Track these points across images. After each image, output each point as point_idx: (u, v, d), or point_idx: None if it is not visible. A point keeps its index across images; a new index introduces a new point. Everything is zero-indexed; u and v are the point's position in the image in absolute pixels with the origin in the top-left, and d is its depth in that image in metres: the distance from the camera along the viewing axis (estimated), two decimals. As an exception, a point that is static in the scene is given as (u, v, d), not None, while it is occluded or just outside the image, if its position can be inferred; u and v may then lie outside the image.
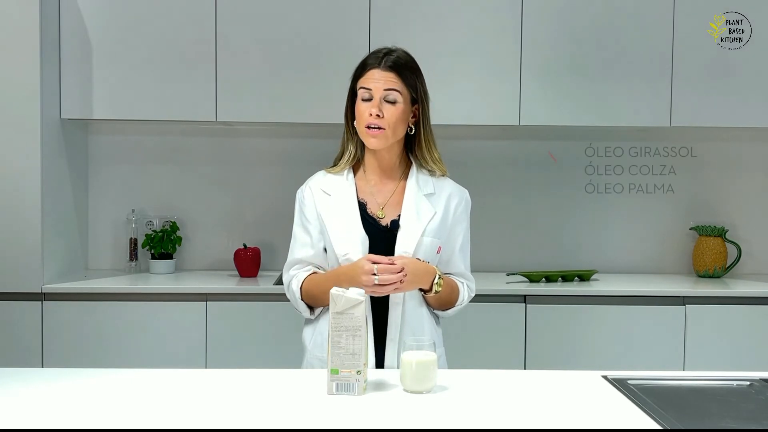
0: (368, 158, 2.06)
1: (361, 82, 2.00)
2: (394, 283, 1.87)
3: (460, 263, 2.08)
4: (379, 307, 1.98)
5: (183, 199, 3.58)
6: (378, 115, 1.95)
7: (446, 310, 2.07)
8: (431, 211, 2.02)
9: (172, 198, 3.58)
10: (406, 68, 2.01)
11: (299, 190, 2.10)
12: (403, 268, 1.88)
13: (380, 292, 1.89)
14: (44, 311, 3.06)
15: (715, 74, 3.27)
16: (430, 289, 1.96)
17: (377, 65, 1.99)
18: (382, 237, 1.99)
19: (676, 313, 3.13)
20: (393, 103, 1.97)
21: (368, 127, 1.96)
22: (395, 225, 2.00)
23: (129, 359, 3.02)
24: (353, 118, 2.04)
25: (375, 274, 1.86)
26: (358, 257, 1.94)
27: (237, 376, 1.78)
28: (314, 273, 2.03)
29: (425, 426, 1.46)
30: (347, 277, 1.90)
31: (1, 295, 3.04)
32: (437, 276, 1.96)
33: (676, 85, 3.27)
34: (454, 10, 3.25)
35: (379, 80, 1.97)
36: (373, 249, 1.96)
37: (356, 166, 2.08)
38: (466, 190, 2.12)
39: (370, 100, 1.98)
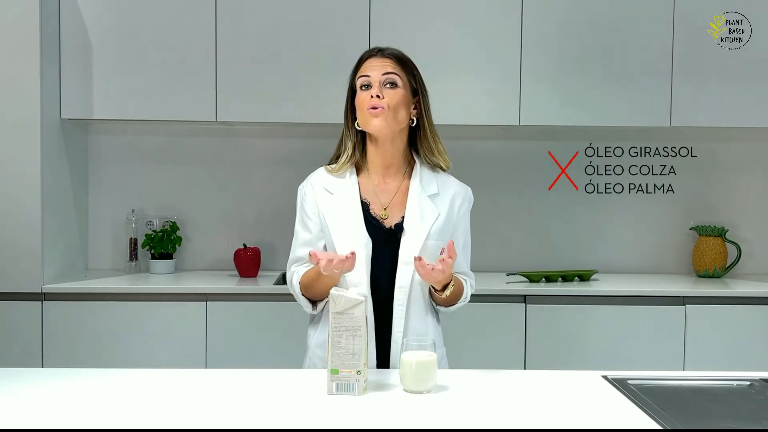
0: (371, 156, 2.04)
1: (360, 73, 2.00)
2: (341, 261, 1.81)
3: (462, 262, 2.07)
4: (384, 309, 1.97)
5: (183, 199, 3.58)
6: (378, 96, 1.94)
7: (449, 307, 2.06)
8: (435, 213, 2.00)
9: (172, 198, 3.58)
10: (403, 58, 2.03)
11: (300, 186, 2.08)
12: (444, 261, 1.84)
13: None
14: (44, 311, 3.06)
15: (715, 74, 3.27)
16: (442, 290, 1.95)
17: (375, 55, 2.01)
18: (385, 239, 1.97)
19: (676, 313, 3.13)
20: (393, 86, 1.97)
21: (369, 110, 1.94)
22: (399, 228, 1.99)
23: (129, 359, 3.02)
24: (354, 118, 2.03)
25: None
26: (361, 259, 1.92)
27: (237, 376, 1.78)
28: (313, 268, 2.02)
29: (425, 426, 1.46)
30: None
31: (1, 295, 3.04)
32: (451, 283, 1.95)
33: (676, 85, 3.27)
34: (454, 10, 3.25)
35: (377, 66, 1.98)
36: (377, 251, 1.95)
37: (358, 167, 2.07)
38: (469, 188, 2.11)
39: (369, 87, 1.97)
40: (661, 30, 3.26)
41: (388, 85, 1.97)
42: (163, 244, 3.41)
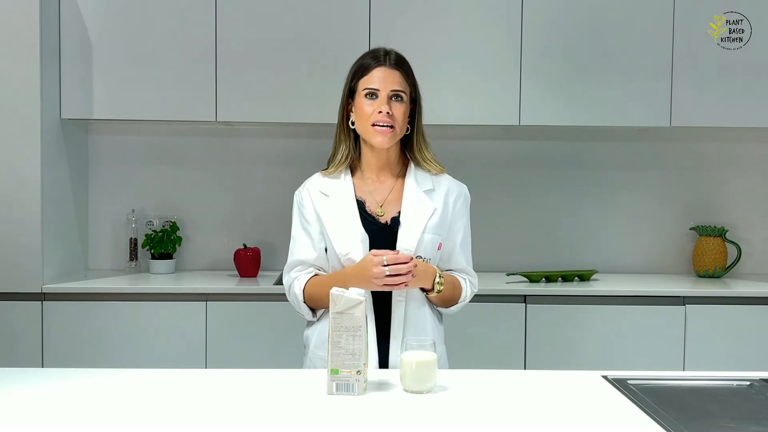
0: (366, 156, 2.06)
1: (366, 81, 1.99)
2: (405, 275, 1.86)
3: (461, 259, 2.08)
4: (382, 306, 1.98)
5: (183, 199, 3.58)
6: (388, 113, 1.95)
7: (449, 307, 2.07)
8: (431, 207, 2.02)
9: (172, 198, 3.58)
10: (407, 66, 2.05)
11: (297, 192, 2.10)
12: (412, 258, 1.89)
13: (390, 285, 1.88)
14: (44, 311, 3.06)
15: (715, 74, 3.27)
16: (432, 288, 1.96)
17: (383, 63, 2.00)
18: (382, 235, 1.98)
19: (676, 313, 3.13)
20: (399, 101, 1.98)
21: (375, 125, 1.96)
22: (395, 222, 2.00)
23: (129, 359, 3.02)
24: (347, 118, 2.04)
25: (385, 266, 1.85)
26: (359, 256, 1.94)
27: (237, 376, 1.78)
28: (316, 275, 2.03)
29: (425, 426, 1.46)
30: (354, 274, 1.90)
31: (1, 295, 3.04)
32: (438, 275, 1.96)
33: (676, 85, 3.27)
34: (454, 10, 3.25)
35: (386, 79, 1.98)
36: (374, 247, 1.96)
37: (353, 167, 2.08)
38: (465, 186, 2.12)
39: (374, 98, 1.98)
40: (661, 30, 3.26)
41: (393, 98, 1.98)
42: (163, 244, 3.41)
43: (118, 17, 3.22)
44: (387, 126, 1.96)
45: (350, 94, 2.04)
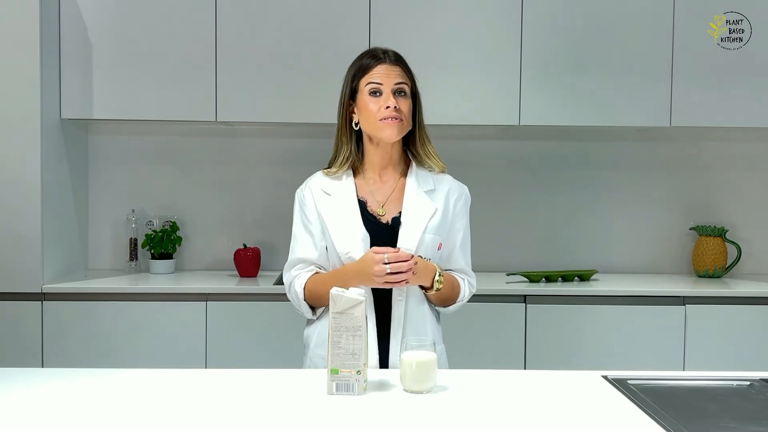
0: (369, 156, 2.06)
1: (369, 78, 2.00)
2: (405, 272, 1.87)
3: (460, 259, 2.09)
4: (382, 305, 1.98)
5: (183, 199, 3.58)
6: (395, 107, 1.97)
7: (447, 306, 2.07)
8: (432, 207, 2.02)
9: (172, 198, 3.58)
10: (405, 63, 2.06)
11: (299, 191, 2.10)
12: (413, 256, 1.89)
13: (391, 283, 1.88)
14: (44, 311, 3.06)
15: (715, 74, 3.27)
16: (432, 287, 1.97)
17: (383, 61, 2.01)
18: (383, 234, 1.99)
19: (676, 313, 3.13)
20: (403, 96, 2.00)
21: (383, 120, 1.96)
22: (396, 222, 2.01)
23: (129, 359, 3.02)
24: (350, 119, 2.04)
25: (386, 263, 1.86)
26: (359, 255, 1.94)
27: (237, 376, 1.78)
28: (317, 273, 2.03)
29: (425, 426, 1.46)
30: (355, 272, 1.91)
31: (1, 295, 3.04)
32: (438, 273, 1.97)
33: (676, 85, 3.27)
34: (454, 10, 3.25)
35: (389, 75, 1.99)
36: (375, 246, 1.96)
37: (354, 168, 2.08)
38: (466, 186, 2.13)
39: (378, 95, 1.98)
40: (661, 30, 3.26)
41: (397, 93, 1.99)
42: (163, 244, 3.41)
43: (118, 17, 3.22)
44: (396, 119, 1.97)
45: (351, 95, 2.04)
